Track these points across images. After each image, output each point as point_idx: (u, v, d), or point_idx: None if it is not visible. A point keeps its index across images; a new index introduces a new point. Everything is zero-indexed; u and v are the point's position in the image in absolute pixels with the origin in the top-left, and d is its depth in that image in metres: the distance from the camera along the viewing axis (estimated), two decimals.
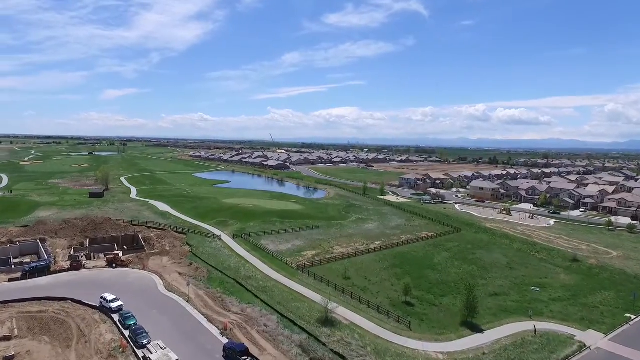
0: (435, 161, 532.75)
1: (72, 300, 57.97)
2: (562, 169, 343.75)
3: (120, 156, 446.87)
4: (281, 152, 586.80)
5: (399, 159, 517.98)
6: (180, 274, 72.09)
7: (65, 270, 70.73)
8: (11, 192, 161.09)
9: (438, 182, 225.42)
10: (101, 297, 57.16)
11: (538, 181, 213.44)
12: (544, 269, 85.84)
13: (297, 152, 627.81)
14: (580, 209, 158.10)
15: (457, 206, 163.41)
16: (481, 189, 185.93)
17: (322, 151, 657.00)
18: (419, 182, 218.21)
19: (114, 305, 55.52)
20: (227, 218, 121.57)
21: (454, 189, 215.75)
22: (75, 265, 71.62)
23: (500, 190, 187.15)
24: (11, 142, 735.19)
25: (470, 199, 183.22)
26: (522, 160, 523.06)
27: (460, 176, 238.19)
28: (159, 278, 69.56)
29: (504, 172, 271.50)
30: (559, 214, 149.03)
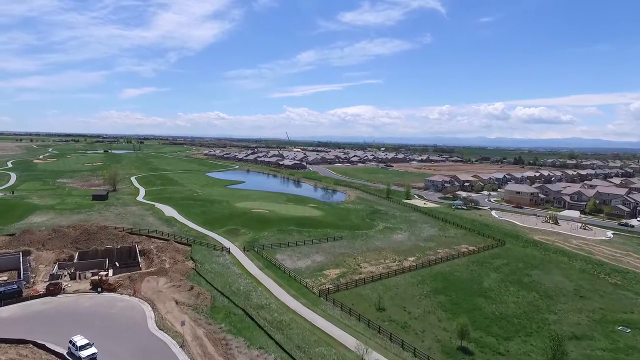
0: (457, 161, 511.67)
1: (34, 343, 45.23)
2: (598, 171, 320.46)
3: (134, 154, 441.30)
4: (297, 151, 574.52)
5: (419, 158, 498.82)
6: (177, 302, 58.84)
7: (39, 296, 58.34)
8: (13, 193, 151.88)
9: (467, 184, 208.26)
10: (70, 342, 44.22)
11: (580, 185, 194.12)
12: (624, 300, 69.62)
13: (313, 150, 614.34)
14: (638, 218, 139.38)
15: (493, 213, 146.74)
16: (518, 193, 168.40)
17: (338, 150, 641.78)
18: (446, 185, 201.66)
19: (85, 354, 42.49)
20: (238, 226, 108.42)
21: (485, 192, 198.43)
22: (53, 290, 59.20)
23: (540, 194, 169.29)
24: (31, 140, 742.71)
25: (506, 204, 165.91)
26: (550, 160, 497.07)
27: (490, 178, 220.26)
28: (150, 309, 56.44)
29: (537, 174, 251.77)
30: (621, 224, 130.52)
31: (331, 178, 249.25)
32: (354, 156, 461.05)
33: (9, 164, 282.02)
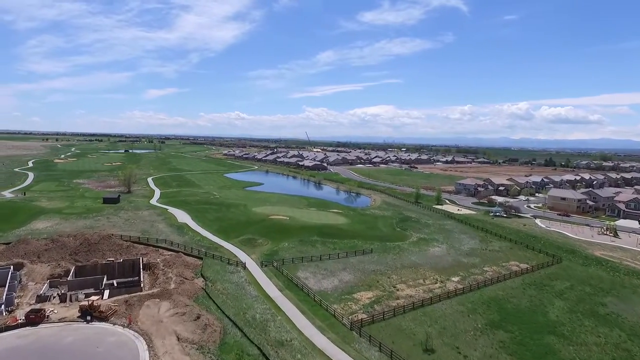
0: (484, 162, 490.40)
1: None
2: None
3: (154, 154, 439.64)
4: (317, 151, 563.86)
5: (444, 159, 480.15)
6: (179, 338, 48.27)
7: (16, 326, 48.82)
8: (24, 194, 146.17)
9: (501, 188, 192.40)
10: None
11: (633, 190, 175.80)
12: None
13: (333, 151, 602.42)
14: None
15: (538, 222, 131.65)
16: (563, 199, 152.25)
17: (359, 150, 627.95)
18: (479, 189, 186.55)
19: None
20: (255, 235, 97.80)
21: (522, 198, 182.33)
22: (33, 318, 49.68)
23: (588, 201, 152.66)
24: (57, 139, 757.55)
25: (549, 212, 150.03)
26: (584, 162, 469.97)
27: (527, 182, 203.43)
28: (146, 347, 46.00)
29: (577, 177, 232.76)
30: None
31: (354, 180, 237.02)
32: (376, 157, 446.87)
33: (30, 164, 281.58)
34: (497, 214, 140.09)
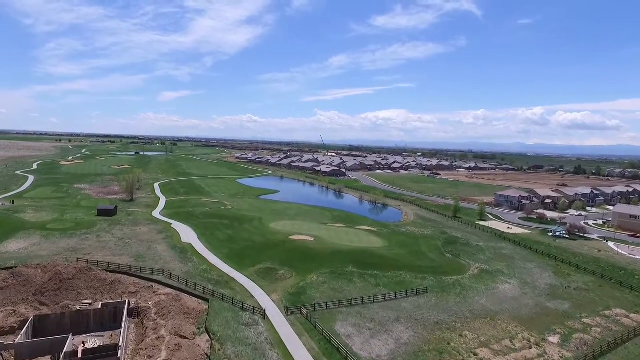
0: (509, 169, 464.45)
1: None
2: None
3: (165, 157, 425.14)
4: (332, 155, 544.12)
5: (466, 165, 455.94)
6: None
7: None
8: (12, 203, 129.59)
9: (549, 201, 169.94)
10: None
11: None
12: None
13: (348, 155, 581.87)
14: None
15: (612, 245, 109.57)
16: (634, 217, 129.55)
17: (375, 155, 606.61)
18: (523, 201, 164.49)
19: None
20: (276, 263, 78.39)
21: (574, 212, 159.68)
22: None
23: None
24: (69, 140, 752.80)
25: (620, 232, 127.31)
26: (617, 170, 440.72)
27: (577, 194, 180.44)
28: None
29: (629, 189, 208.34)
30: None
31: (377, 188, 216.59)
32: (395, 162, 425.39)
33: (35, 166, 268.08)
34: (559, 234, 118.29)
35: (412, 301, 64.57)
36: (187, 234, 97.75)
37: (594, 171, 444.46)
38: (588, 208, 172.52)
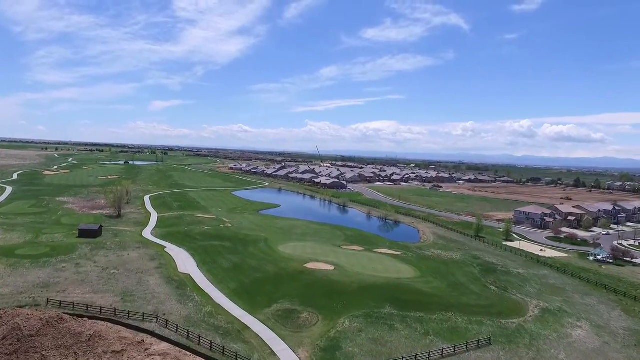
0: (508, 182, 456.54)
1: None
2: None
3: (155, 167, 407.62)
4: (327, 166, 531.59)
5: (466, 178, 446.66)
6: None
7: None
8: None
9: (571, 218, 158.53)
10: None
11: None
12: None
13: (343, 166, 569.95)
14: None
15: None
16: None
17: (370, 166, 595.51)
18: (546, 219, 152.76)
19: None
20: (295, 302, 64.10)
21: (601, 231, 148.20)
22: None
23: None
24: (56, 149, 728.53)
25: None
26: (617, 184, 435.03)
27: (599, 210, 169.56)
28: None
29: None
30: None
31: (384, 203, 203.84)
32: (394, 174, 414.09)
33: (15, 176, 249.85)
34: (600, 257, 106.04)
35: (476, 358, 50.88)
36: (184, 261, 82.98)
37: (593, 184, 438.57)
38: (612, 225, 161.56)
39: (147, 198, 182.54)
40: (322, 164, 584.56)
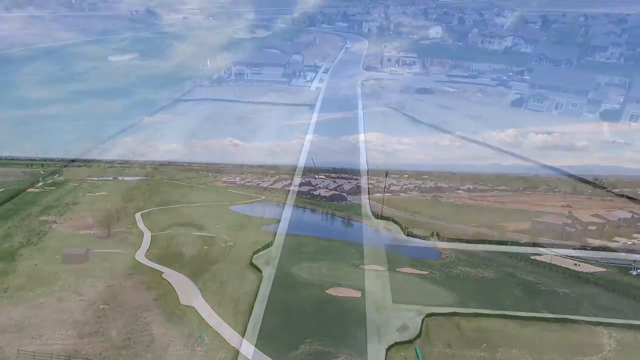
0: (506, 190, 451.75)
1: None
2: None
3: (146, 182, 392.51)
4: (322, 178, 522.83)
5: (465, 187, 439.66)
6: None
7: None
8: None
9: (592, 227, 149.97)
10: None
11: None
12: None
13: (338, 177, 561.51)
14: None
15: None
16: None
17: (364, 177, 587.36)
18: (567, 229, 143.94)
19: None
20: (325, 340, 53.16)
21: (626, 241, 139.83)
22: None
23: None
24: (41, 165, 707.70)
25: None
26: (616, 190, 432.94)
27: (620, 219, 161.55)
28: None
29: None
30: None
31: (391, 216, 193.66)
32: (392, 185, 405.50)
33: None
34: None
35: None
36: (187, 290, 71.22)
37: (589, 191, 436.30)
38: (635, 234, 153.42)
39: (138, 215, 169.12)
40: (317, 176, 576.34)
